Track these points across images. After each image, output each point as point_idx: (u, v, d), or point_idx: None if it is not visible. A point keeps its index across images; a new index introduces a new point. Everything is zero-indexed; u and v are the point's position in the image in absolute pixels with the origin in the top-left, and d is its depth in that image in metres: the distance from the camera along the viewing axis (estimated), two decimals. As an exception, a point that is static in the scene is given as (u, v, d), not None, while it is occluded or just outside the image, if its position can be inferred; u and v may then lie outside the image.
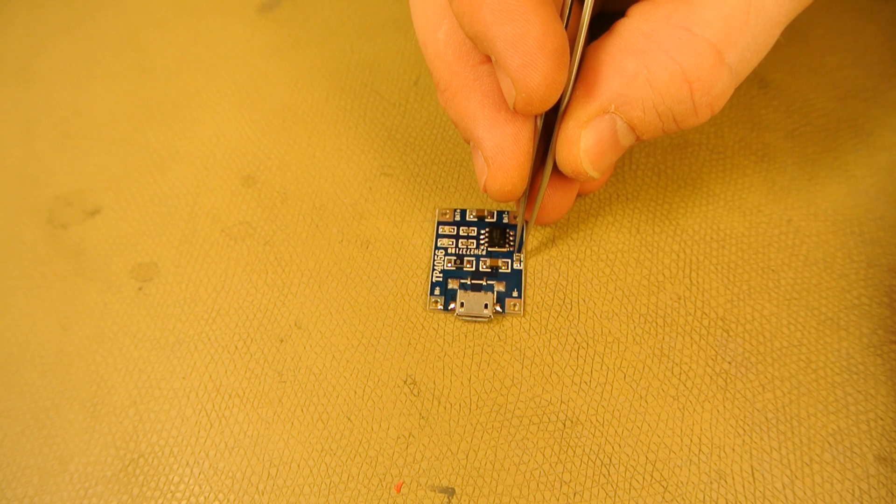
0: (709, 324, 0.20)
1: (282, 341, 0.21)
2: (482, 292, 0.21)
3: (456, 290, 0.21)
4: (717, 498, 0.18)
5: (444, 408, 0.20)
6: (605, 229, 0.22)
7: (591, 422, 0.19)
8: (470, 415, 0.20)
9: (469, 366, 0.20)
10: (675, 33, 0.16)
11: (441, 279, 0.22)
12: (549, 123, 0.18)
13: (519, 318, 0.21)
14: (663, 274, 0.21)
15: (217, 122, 0.26)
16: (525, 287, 0.21)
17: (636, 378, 0.20)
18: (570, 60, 0.16)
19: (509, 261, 0.22)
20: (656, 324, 0.21)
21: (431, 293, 0.21)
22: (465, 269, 0.22)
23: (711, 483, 0.18)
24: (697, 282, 0.21)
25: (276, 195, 0.24)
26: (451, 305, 0.21)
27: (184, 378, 0.21)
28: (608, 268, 0.22)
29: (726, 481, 0.18)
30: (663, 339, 0.20)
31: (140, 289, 0.23)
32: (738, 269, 0.21)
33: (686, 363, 0.20)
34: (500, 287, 0.21)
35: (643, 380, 0.20)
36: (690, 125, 0.17)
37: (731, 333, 0.20)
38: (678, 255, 0.22)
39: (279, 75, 0.28)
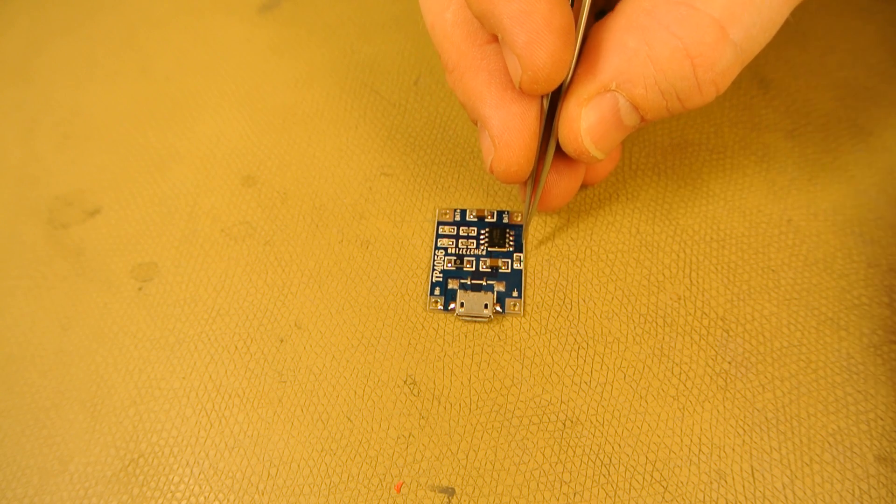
0: (709, 324, 0.20)
1: (282, 341, 0.21)
2: (482, 292, 0.21)
3: (456, 290, 0.21)
4: (717, 498, 0.18)
5: (444, 408, 0.20)
6: (605, 229, 0.22)
7: (591, 422, 0.19)
8: (470, 415, 0.20)
9: (469, 366, 0.20)
10: (676, 9, 0.16)
11: (441, 279, 0.22)
12: (554, 106, 0.18)
13: (519, 318, 0.21)
14: (663, 274, 0.21)
15: (217, 122, 0.26)
16: (525, 287, 0.21)
17: (636, 378, 0.20)
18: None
19: (509, 261, 0.22)
20: (656, 324, 0.21)
21: (431, 293, 0.21)
22: (465, 269, 0.22)
23: (711, 483, 0.18)
24: (697, 282, 0.21)
25: (276, 195, 0.24)
26: (451, 305, 0.21)
27: (184, 378, 0.21)
28: (608, 268, 0.22)
29: (726, 481, 0.18)
30: (663, 339, 0.20)
31: (140, 289, 0.23)
32: (738, 269, 0.21)
33: (686, 363, 0.20)
34: (500, 287, 0.21)
35: (643, 380, 0.20)
36: (695, 104, 0.17)
37: (731, 333, 0.20)
38: (678, 255, 0.22)
39: (279, 75, 0.28)
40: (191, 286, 0.22)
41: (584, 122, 0.17)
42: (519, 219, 0.23)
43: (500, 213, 0.23)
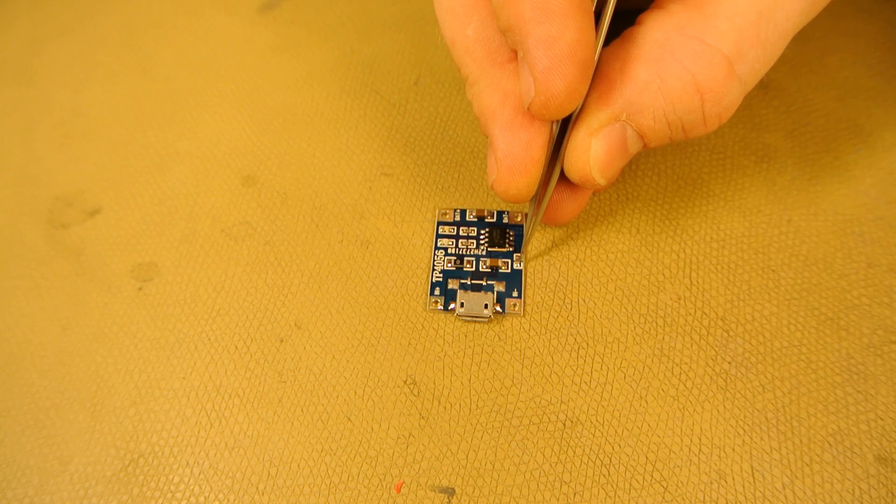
0: (709, 324, 0.20)
1: (282, 341, 0.21)
2: (482, 292, 0.21)
3: (456, 290, 0.21)
4: (717, 498, 0.18)
5: (444, 408, 0.20)
6: (605, 229, 0.22)
7: (591, 422, 0.19)
8: (470, 415, 0.20)
9: (469, 366, 0.20)
10: (689, 43, 0.16)
11: (441, 279, 0.22)
12: (562, 132, 0.18)
13: (519, 318, 0.21)
14: (663, 274, 0.21)
15: (217, 122, 0.26)
16: (525, 287, 0.21)
17: (636, 378, 0.20)
18: None
19: (509, 261, 0.22)
20: (656, 324, 0.21)
21: (431, 293, 0.21)
22: (465, 269, 0.22)
23: (711, 483, 0.18)
24: (697, 282, 0.21)
25: (276, 195, 0.24)
26: (451, 305, 0.21)
27: (184, 378, 0.21)
28: (608, 268, 0.22)
29: (726, 481, 0.18)
30: (663, 339, 0.20)
31: (140, 289, 0.23)
32: (738, 269, 0.21)
33: (686, 363, 0.20)
34: (500, 287, 0.21)
35: (643, 380, 0.20)
36: (698, 134, 0.17)
37: (731, 333, 0.20)
38: (678, 255, 0.22)
39: (279, 75, 0.28)
40: (191, 286, 0.22)
41: (593, 151, 0.17)
42: (519, 219, 0.23)
43: (500, 213, 0.23)
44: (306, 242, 0.23)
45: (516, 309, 0.21)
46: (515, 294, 0.21)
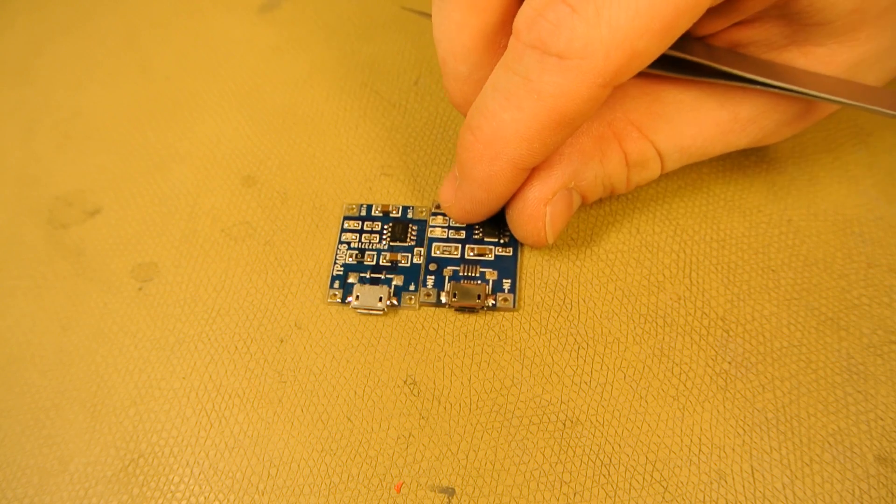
0: (709, 324, 0.20)
1: (282, 341, 0.21)
2: (379, 286, 0.21)
3: (353, 284, 0.22)
4: (717, 498, 0.18)
5: (444, 408, 0.20)
6: (605, 229, 0.22)
7: (591, 422, 0.19)
8: (470, 415, 0.20)
9: (469, 366, 0.20)
10: (631, 132, 0.20)
11: (342, 273, 0.22)
12: None
13: (519, 318, 0.21)
14: (663, 274, 0.21)
15: (217, 122, 0.26)
16: (522, 285, 0.21)
17: (636, 378, 0.20)
18: None
19: (409, 255, 0.22)
20: (656, 324, 0.21)
21: (331, 286, 0.22)
22: (365, 262, 0.22)
23: (711, 483, 0.18)
24: (697, 282, 0.21)
25: (276, 195, 0.24)
26: (349, 299, 0.21)
27: (184, 378, 0.21)
28: (608, 268, 0.22)
29: (726, 481, 0.18)
30: (663, 339, 0.20)
31: (140, 289, 0.23)
32: (738, 269, 0.21)
33: (686, 363, 0.20)
34: (397, 281, 0.22)
35: (643, 380, 0.20)
36: (622, 193, 0.22)
37: (731, 333, 0.20)
38: (678, 255, 0.22)
39: (279, 75, 0.28)
40: (191, 286, 0.22)
41: (549, 217, 0.20)
42: (423, 214, 0.23)
43: (406, 209, 0.23)
44: (306, 242, 0.23)
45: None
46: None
